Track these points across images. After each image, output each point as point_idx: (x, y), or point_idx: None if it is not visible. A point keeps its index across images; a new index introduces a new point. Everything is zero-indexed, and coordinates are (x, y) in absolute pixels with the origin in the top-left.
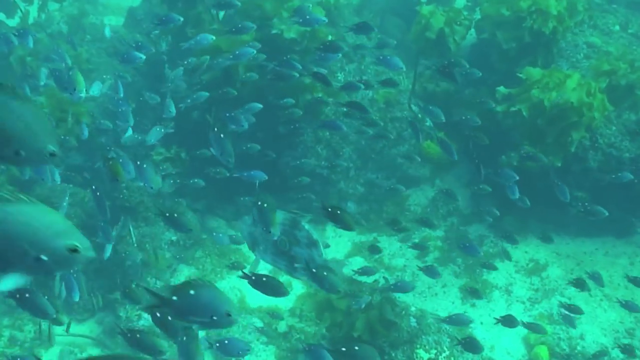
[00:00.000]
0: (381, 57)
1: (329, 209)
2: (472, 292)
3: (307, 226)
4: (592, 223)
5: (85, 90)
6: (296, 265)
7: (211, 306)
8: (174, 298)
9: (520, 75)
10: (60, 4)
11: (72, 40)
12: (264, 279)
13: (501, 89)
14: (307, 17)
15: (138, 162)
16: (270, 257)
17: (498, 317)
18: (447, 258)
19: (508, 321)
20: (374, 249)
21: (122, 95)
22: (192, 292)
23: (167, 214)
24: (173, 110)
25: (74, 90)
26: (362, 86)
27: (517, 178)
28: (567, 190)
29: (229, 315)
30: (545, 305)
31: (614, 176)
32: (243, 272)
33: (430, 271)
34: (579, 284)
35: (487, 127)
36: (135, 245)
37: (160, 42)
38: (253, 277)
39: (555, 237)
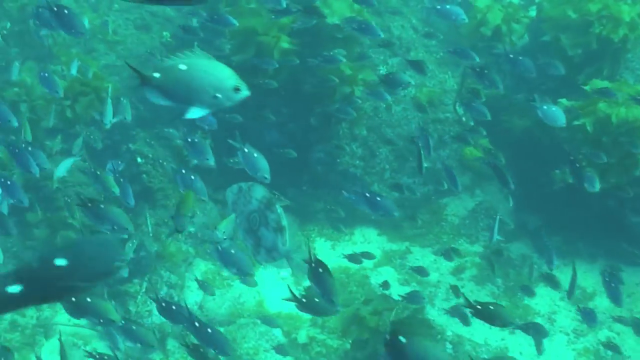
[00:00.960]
0: (439, 7)
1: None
2: None
3: (279, 210)
4: None
5: None
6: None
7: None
8: (156, 75)
9: (586, 87)
10: None
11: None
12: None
13: (563, 101)
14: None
15: (188, 139)
16: (242, 233)
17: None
18: (484, 277)
19: None
20: (421, 272)
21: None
22: (181, 67)
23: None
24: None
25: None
26: (410, 82)
27: None
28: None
29: (237, 89)
30: (591, 339)
31: None
32: (291, 292)
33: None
34: (625, 320)
35: (540, 137)
36: (151, 235)
37: (191, 17)
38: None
39: (605, 263)
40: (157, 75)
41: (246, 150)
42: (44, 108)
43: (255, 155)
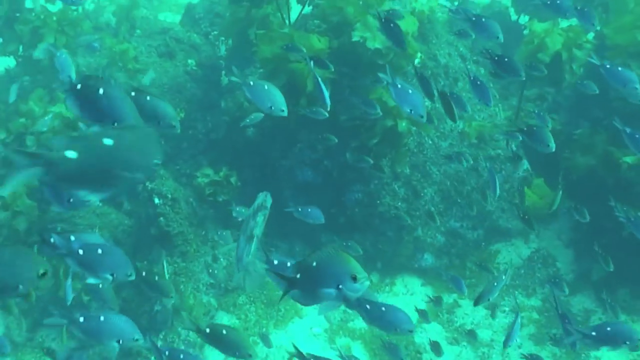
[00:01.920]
0: (474, 19)
1: None
2: None
3: (260, 219)
4: None
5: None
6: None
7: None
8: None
9: None
10: None
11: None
12: None
13: None
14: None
15: None
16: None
17: None
18: (545, 335)
19: None
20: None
21: None
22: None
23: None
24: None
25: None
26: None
27: None
28: None
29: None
30: None
31: None
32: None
33: None
34: None
35: (604, 177)
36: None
37: (219, 45)
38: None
39: None
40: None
41: (251, 83)
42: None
43: (266, 86)
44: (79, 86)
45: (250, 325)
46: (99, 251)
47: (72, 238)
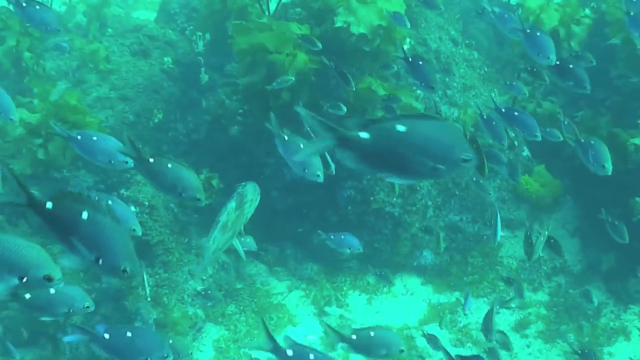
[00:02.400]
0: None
1: None
2: None
3: (231, 205)
4: None
5: None
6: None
7: None
8: None
9: None
10: None
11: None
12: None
13: None
14: None
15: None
16: None
17: None
18: (554, 332)
19: None
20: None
21: None
22: None
23: None
24: None
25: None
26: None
27: None
28: None
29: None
30: None
31: None
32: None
33: None
34: None
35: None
36: (149, 299)
37: (196, 40)
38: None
39: None
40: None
41: (286, 137)
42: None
43: (302, 145)
44: (49, 204)
45: (240, 337)
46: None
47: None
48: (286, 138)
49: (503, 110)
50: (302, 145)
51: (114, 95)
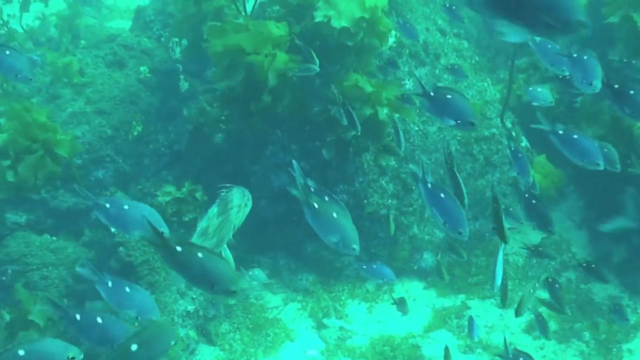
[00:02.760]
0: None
1: None
2: None
3: (213, 210)
4: None
5: None
6: None
7: None
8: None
9: None
10: (45, 3)
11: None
12: None
13: None
14: None
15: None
16: None
17: None
18: (568, 331)
19: None
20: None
21: None
22: None
23: None
24: None
25: None
26: None
27: None
28: None
29: None
30: None
31: None
32: None
33: None
34: None
35: (616, 146)
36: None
37: (173, 47)
38: None
39: None
40: None
41: (316, 206)
42: None
43: (334, 214)
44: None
45: (236, 357)
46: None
47: None
48: (316, 206)
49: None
50: (335, 215)
51: (90, 109)
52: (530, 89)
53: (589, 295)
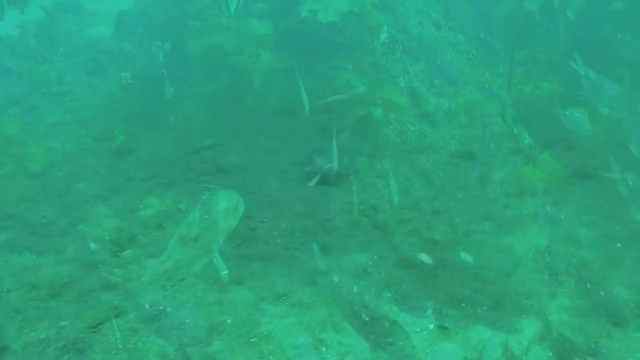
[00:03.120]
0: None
1: None
2: None
3: (194, 215)
4: None
5: None
6: None
7: None
8: None
9: None
10: (21, 10)
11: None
12: None
13: None
14: None
15: None
16: None
17: None
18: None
19: None
20: None
21: None
22: None
23: None
24: None
25: None
26: None
27: None
28: None
29: None
30: None
31: None
32: None
33: None
34: None
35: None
36: (120, 346)
37: (156, 51)
38: None
39: None
40: None
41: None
42: None
43: None
44: None
45: None
46: None
47: None
48: None
49: None
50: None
51: (70, 119)
52: (567, 112)
53: (604, 300)
